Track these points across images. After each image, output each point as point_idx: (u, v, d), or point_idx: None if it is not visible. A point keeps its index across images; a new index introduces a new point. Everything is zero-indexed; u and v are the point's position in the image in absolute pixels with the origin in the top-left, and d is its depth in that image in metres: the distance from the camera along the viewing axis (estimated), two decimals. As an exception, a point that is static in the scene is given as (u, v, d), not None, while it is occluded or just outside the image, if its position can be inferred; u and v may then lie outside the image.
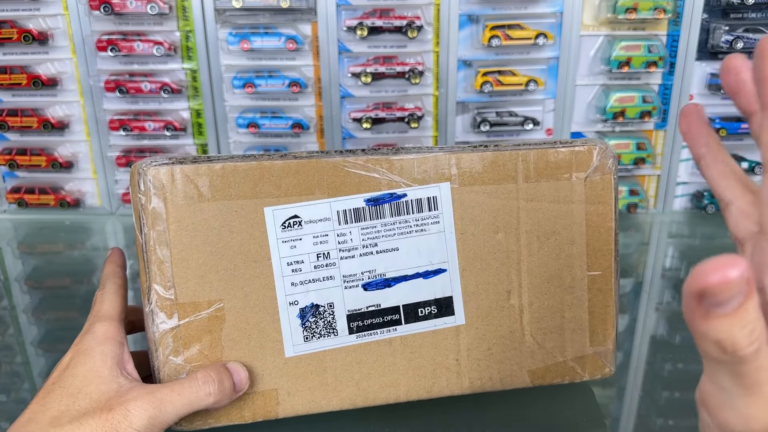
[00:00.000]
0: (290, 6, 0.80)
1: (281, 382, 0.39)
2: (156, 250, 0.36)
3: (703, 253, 0.82)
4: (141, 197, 0.36)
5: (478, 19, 0.83)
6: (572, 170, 0.41)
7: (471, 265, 0.41)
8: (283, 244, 0.38)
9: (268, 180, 0.38)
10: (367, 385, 0.41)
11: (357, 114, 0.86)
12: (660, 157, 0.89)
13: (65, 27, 0.82)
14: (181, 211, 0.37)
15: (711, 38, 0.83)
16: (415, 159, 0.39)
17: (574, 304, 0.43)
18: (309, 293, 0.39)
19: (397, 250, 0.40)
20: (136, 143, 0.88)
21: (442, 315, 0.41)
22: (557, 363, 0.43)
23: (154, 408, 0.33)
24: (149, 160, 0.36)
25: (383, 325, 0.41)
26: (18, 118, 0.85)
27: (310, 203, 0.38)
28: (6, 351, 0.56)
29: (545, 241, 0.42)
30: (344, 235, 0.39)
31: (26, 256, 0.80)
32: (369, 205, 0.39)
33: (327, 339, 0.40)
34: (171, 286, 0.37)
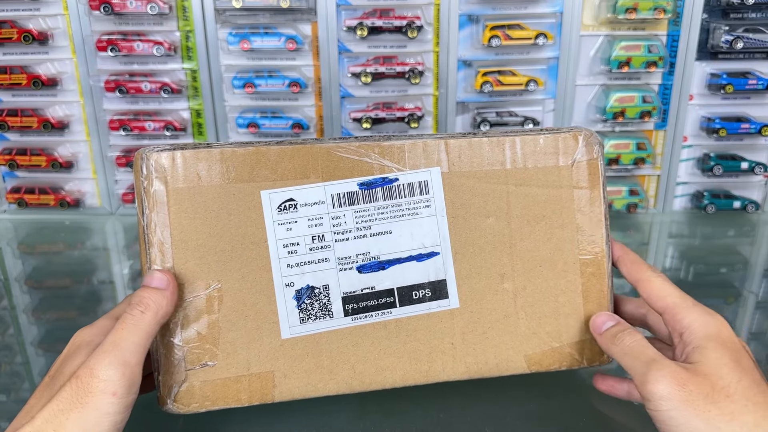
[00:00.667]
0: (290, 6, 0.80)
1: (278, 364, 0.40)
2: (156, 231, 0.38)
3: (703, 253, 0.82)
4: (143, 181, 0.37)
5: (478, 19, 0.83)
6: (559, 155, 0.43)
7: (463, 248, 0.42)
8: (279, 226, 0.39)
9: (264, 164, 0.39)
10: (362, 369, 0.41)
11: (357, 114, 0.86)
12: (660, 157, 0.89)
13: (65, 27, 0.83)
14: (181, 194, 0.38)
15: (711, 38, 0.83)
16: (406, 144, 0.41)
17: (568, 288, 0.44)
18: (305, 275, 0.40)
19: (390, 233, 0.41)
20: (136, 143, 0.88)
21: (437, 298, 0.42)
22: (554, 348, 0.44)
23: (111, 353, 0.32)
24: (152, 147, 0.38)
25: (378, 308, 0.41)
26: (18, 118, 0.85)
27: (305, 187, 0.40)
28: (6, 351, 0.56)
29: (535, 225, 0.43)
30: (338, 218, 0.40)
31: (26, 256, 0.80)
32: (362, 189, 0.40)
33: (322, 321, 0.41)
34: (171, 267, 0.38)
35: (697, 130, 0.88)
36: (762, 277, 0.69)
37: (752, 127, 0.86)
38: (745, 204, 0.88)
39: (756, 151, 0.89)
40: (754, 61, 0.85)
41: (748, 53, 0.84)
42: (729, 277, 0.70)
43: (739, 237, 0.83)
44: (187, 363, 0.39)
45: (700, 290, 0.66)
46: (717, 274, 0.71)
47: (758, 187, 0.91)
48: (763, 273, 0.71)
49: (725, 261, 0.75)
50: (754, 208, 0.89)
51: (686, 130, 0.88)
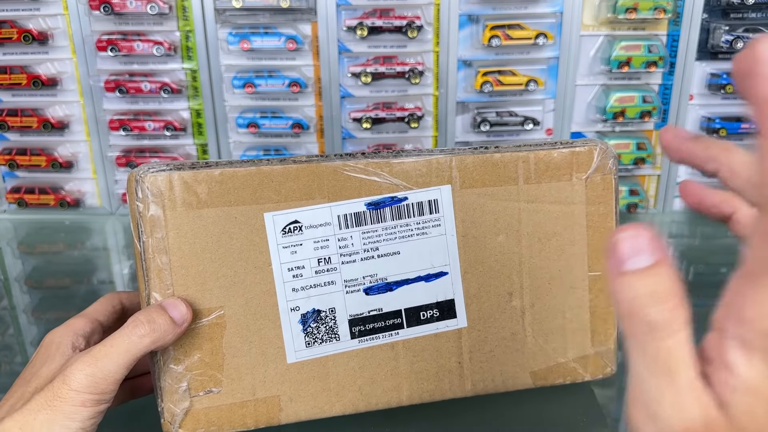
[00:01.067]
0: (290, 6, 0.80)
1: (283, 388, 0.39)
2: (155, 257, 0.36)
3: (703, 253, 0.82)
4: (139, 204, 0.36)
5: (478, 19, 0.83)
6: (572, 171, 0.41)
7: (472, 267, 0.41)
8: (284, 249, 0.38)
9: (267, 185, 0.37)
10: (369, 390, 0.41)
11: (357, 114, 0.86)
12: (660, 157, 0.89)
13: (65, 27, 0.82)
14: (180, 218, 0.36)
15: (711, 38, 0.83)
16: (416, 162, 0.39)
17: (576, 305, 0.43)
18: (310, 299, 0.39)
19: (398, 254, 0.40)
20: (136, 143, 0.88)
21: (444, 318, 0.41)
22: (559, 364, 0.43)
23: (90, 365, 0.32)
24: (146, 167, 0.36)
25: (385, 329, 0.40)
26: (18, 118, 0.85)
27: (311, 208, 0.38)
28: (6, 351, 0.56)
29: (546, 243, 0.42)
30: (345, 240, 0.39)
31: (26, 256, 0.80)
32: (370, 209, 0.39)
33: (329, 344, 0.39)
34: (171, 294, 0.36)
35: (697, 130, 0.88)
36: (762, 277, 0.69)
37: (752, 127, 0.86)
38: (745, 204, 0.88)
39: (756, 151, 0.89)
40: (754, 61, 0.85)
41: (748, 53, 0.84)
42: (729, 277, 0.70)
43: (739, 237, 0.83)
44: (191, 390, 0.38)
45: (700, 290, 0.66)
46: (717, 274, 0.71)
47: (758, 187, 0.91)
48: (763, 273, 0.71)
49: (725, 261, 0.75)
50: (754, 208, 0.89)
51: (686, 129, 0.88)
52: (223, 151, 0.88)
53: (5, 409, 0.33)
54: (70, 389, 0.32)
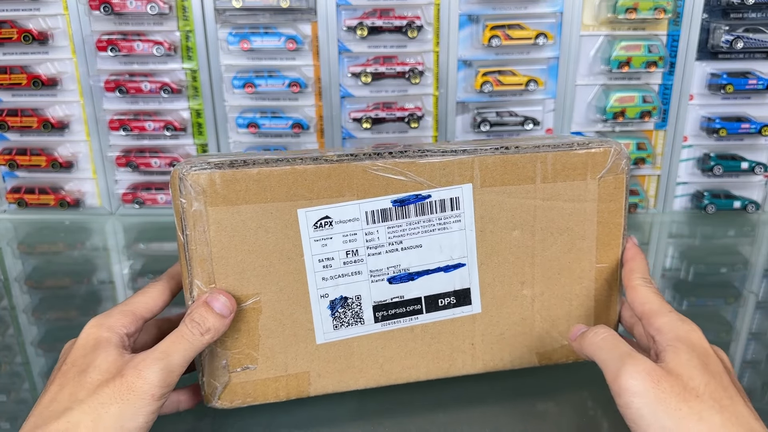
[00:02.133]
0: (290, 6, 0.80)
1: (312, 365, 0.43)
2: (197, 248, 0.39)
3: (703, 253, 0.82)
4: (182, 200, 0.38)
5: (478, 19, 0.83)
6: (587, 171, 0.43)
7: (488, 259, 0.44)
8: (315, 242, 0.41)
9: (301, 184, 0.40)
10: (390, 367, 0.44)
11: (357, 114, 0.86)
12: (660, 157, 0.89)
13: (65, 27, 0.83)
14: (221, 214, 0.39)
15: (711, 38, 0.83)
16: (440, 161, 0.41)
17: (582, 294, 0.46)
18: (338, 287, 0.42)
19: (420, 247, 0.43)
20: (136, 143, 0.88)
21: (460, 305, 0.44)
22: (563, 346, 0.47)
23: (161, 360, 0.35)
24: (188, 165, 0.38)
25: (406, 315, 0.44)
26: (18, 118, 0.85)
27: (341, 205, 0.41)
28: (6, 351, 0.56)
29: (558, 237, 0.44)
30: (371, 234, 0.42)
31: (26, 256, 0.80)
32: (395, 205, 0.41)
33: (354, 327, 0.43)
34: (212, 281, 0.40)
35: (697, 130, 0.88)
36: (762, 278, 0.69)
37: (752, 127, 0.86)
38: (746, 204, 0.88)
39: (756, 151, 0.89)
40: (754, 61, 0.85)
41: (748, 53, 0.84)
42: (729, 277, 0.70)
43: (739, 237, 0.83)
44: (230, 366, 0.42)
45: (700, 290, 0.66)
46: (717, 274, 0.71)
47: (758, 187, 0.91)
48: (763, 273, 0.71)
49: (725, 261, 0.75)
50: (755, 208, 0.89)
51: (686, 130, 0.88)
52: (223, 151, 0.88)
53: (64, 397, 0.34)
54: (145, 382, 0.34)
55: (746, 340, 0.56)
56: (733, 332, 0.57)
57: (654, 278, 0.69)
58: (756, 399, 0.47)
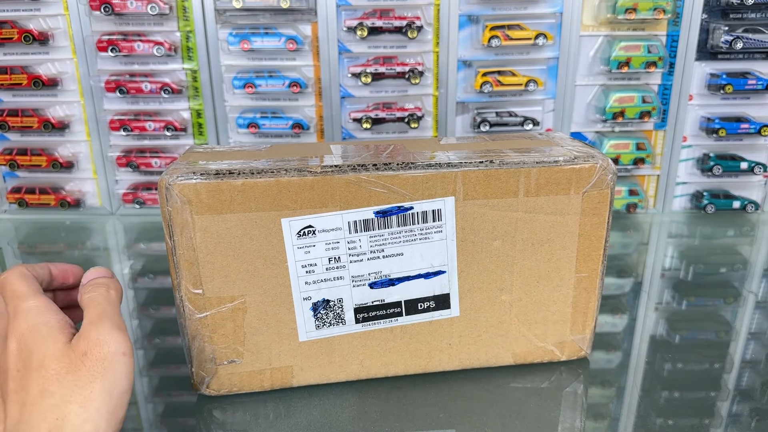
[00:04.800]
0: (290, 6, 0.80)
1: (296, 360, 0.45)
2: (184, 253, 0.41)
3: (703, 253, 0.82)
4: (169, 208, 0.39)
5: (478, 19, 0.83)
6: (571, 186, 0.43)
7: (468, 267, 0.45)
8: (299, 249, 0.42)
9: (285, 195, 0.40)
10: (369, 363, 0.46)
11: (357, 114, 0.86)
12: (659, 157, 0.90)
13: (66, 27, 0.83)
14: (206, 222, 0.40)
15: (710, 38, 0.84)
16: (423, 175, 0.41)
17: (560, 300, 0.47)
18: (321, 290, 0.43)
19: (401, 255, 0.43)
20: (137, 143, 0.88)
21: (439, 308, 0.45)
22: (538, 347, 0.48)
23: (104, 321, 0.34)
24: (175, 175, 0.39)
25: (386, 317, 0.45)
26: (18, 118, 0.85)
27: (324, 215, 0.41)
28: (7, 351, 0.56)
29: (539, 247, 0.45)
30: (354, 242, 0.42)
31: (27, 256, 0.80)
32: (378, 216, 0.42)
33: (336, 327, 0.44)
34: (199, 284, 0.41)
35: (696, 130, 0.89)
36: (762, 277, 0.69)
37: (752, 127, 0.86)
38: (745, 204, 0.89)
39: (755, 151, 0.89)
40: (753, 61, 0.85)
41: (748, 53, 0.84)
42: (729, 277, 0.70)
43: (738, 237, 0.83)
44: (216, 359, 0.44)
45: (699, 290, 0.66)
46: (717, 274, 0.71)
47: (758, 187, 0.91)
48: (762, 273, 0.71)
49: (725, 261, 0.75)
50: (754, 208, 0.89)
51: (686, 130, 0.88)
52: (223, 151, 0.88)
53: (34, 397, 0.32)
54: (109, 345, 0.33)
55: (746, 340, 0.56)
56: (733, 332, 0.57)
57: (654, 278, 0.70)
58: (756, 399, 0.47)
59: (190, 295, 0.42)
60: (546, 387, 0.47)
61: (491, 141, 0.50)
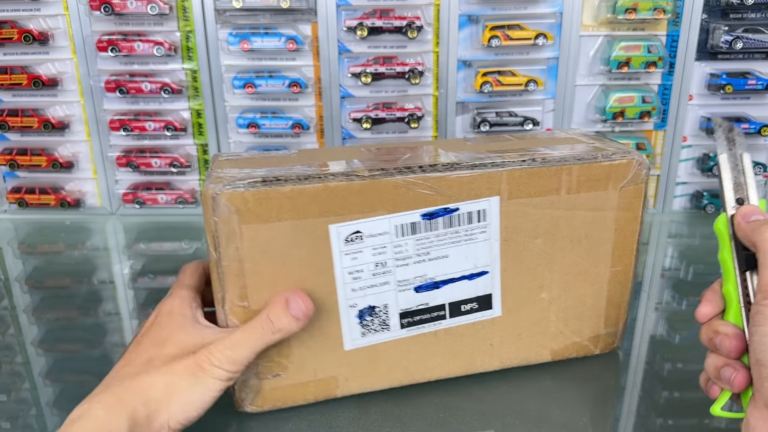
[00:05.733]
0: (290, 6, 0.80)
1: (340, 370, 0.44)
2: (230, 264, 0.39)
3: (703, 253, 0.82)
4: (215, 219, 0.38)
5: (477, 19, 0.83)
6: (609, 181, 0.44)
7: (510, 266, 0.45)
8: (345, 256, 0.41)
9: (333, 200, 0.40)
10: (413, 369, 0.46)
11: (357, 114, 0.86)
12: (659, 157, 0.89)
13: (66, 27, 0.83)
14: (254, 231, 0.39)
15: (711, 38, 0.84)
16: (469, 176, 0.42)
17: (595, 295, 0.48)
18: (367, 297, 0.43)
19: (447, 257, 0.43)
20: (137, 143, 0.88)
21: (482, 309, 0.46)
22: (575, 342, 0.49)
23: (230, 349, 0.38)
24: (221, 184, 0.38)
25: (430, 320, 0.45)
26: (18, 118, 0.85)
27: (372, 219, 0.41)
28: (6, 351, 0.56)
29: (578, 244, 0.46)
30: (400, 246, 0.42)
31: (26, 256, 0.80)
32: (425, 219, 0.42)
33: (381, 333, 0.44)
34: (245, 296, 0.40)
35: (696, 130, 0.88)
36: (761, 277, 0.69)
37: (752, 127, 0.86)
38: (745, 204, 0.88)
39: (755, 151, 0.89)
40: (753, 61, 0.85)
41: (748, 53, 0.84)
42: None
43: (738, 237, 0.83)
44: (260, 374, 0.43)
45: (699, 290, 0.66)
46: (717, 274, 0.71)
47: (758, 187, 0.91)
48: (762, 273, 0.70)
49: (725, 261, 0.75)
50: (754, 208, 0.89)
51: (686, 130, 0.88)
52: (223, 151, 0.88)
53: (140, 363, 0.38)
54: (212, 365, 0.38)
55: (745, 339, 0.56)
56: (733, 332, 0.57)
57: (654, 278, 0.69)
58: (755, 398, 0.47)
59: (235, 309, 0.41)
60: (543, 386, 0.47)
61: (518, 140, 0.50)
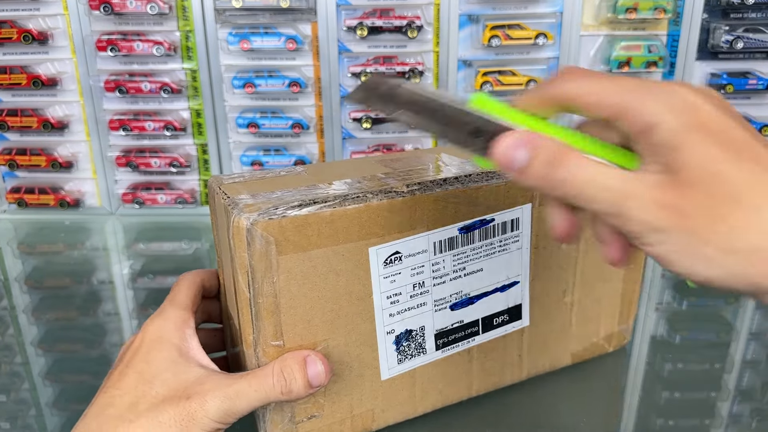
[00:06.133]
0: (290, 6, 0.80)
1: (377, 402, 0.42)
2: (264, 301, 0.36)
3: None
4: (250, 253, 0.34)
5: (478, 19, 0.83)
6: None
7: (539, 273, 0.45)
8: (384, 279, 0.39)
9: (374, 221, 0.37)
10: (448, 391, 0.44)
11: (357, 114, 0.86)
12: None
13: (65, 27, 0.82)
14: (291, 262, 0.35)
15: (711, 38, 0.83)
16: (504, 184, 0.41)
17: (611, 294, 0.49)
18: (404, 320, 0.41)
19: (481, 271, 0.42)
20: (136, 143, 0.88)
21: (512, 320, 0.45)
22: (592, 343, 0.49)
23: (230, 400, 0.34)
24: (255, 213, 0.34)
25: (464, 338, 0.43)
26: (18, 118, 0.85)
27: (411, 238, 0.39)
28: (6, 351, 0.56)
29: (596, 243, 0.44)
30: (438, 264, 0.40)
31: (26, 256, 0.80)
32: (462, 233, 0.41)
33: (417, 358, 0.42)
34: (279, 334, 0.37)
35: (697, 130, 0.88)
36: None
37: (752, 127, 0.86)
38: (745, 204, 0.88)
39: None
40: (754, 61, 0.85)
41: (749, 53, 0.84)
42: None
43: (739, 237, 0.83)
44: (295, 417, 0.39)
45: (700, 290, 0.66)
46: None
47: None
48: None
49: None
50: (754, 208, 0.88)
51: (686, 130, 0.88)
52: (223, 151, 0.88)
53: (123, 405, 0.34)
54: (206, 416, 0.33)
55: (746, 340, 0.56)
56: (734, 332, 0.57)
57: (654, 278, 0.69)
58: (756, 399, 0.47)
59: (268, 349, 0.37)
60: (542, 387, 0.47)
61: None
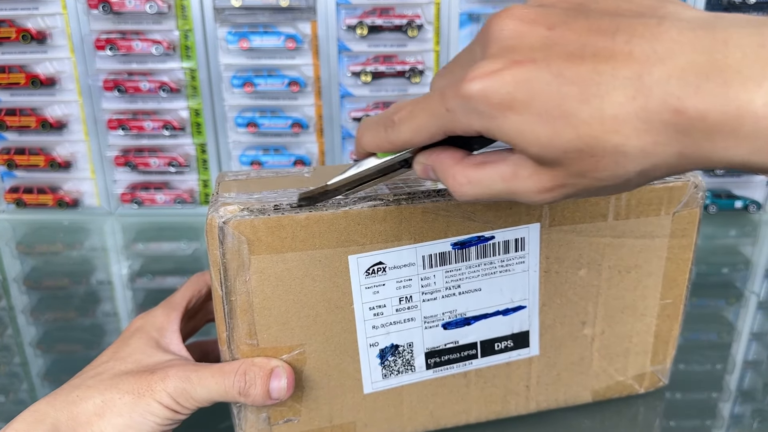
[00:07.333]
0: (290, 5, 0.80)
1: (359, 415, 0.40)
2: (237, 300, 0.35)
3: (705, 253, 0.82)
4: (222, 251, 0.34)
5: (478, 17, 0.83)
6: (662, 206, 0.40)
7: (551, 300, 0.41)
8: (366, 290, 0.37)
9: (354, 229, 0.36)
10: (440, 413, 0.42)
11: (357, 113, 0.86)
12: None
13: (63, 26, 0.82)
14: (264, 263, 0.35)
15: (712, 37, 0.83)
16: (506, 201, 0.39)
17: (643, 330, 0.44)
18: (389, 335, 0.39)
19: (479, 291, 0.39)
20: (135, 143, 0.88)
21: (518, 348, 0.41)
22: (618, 381, 0.45)
23: (190, 382, 0.35)
24: (227, 211, 0.34)
25: (460, 360, 0.41)
26: (16, 117, 0.85)
27: (396, 249, 0.37)
28: (4, 351, 0.56)
29: (626, 275, 0.41)
30: (428, 279, 0.38)
31: (24, 256, 0.79)
32: (455, 249, 0.38)
33: (405, 375, 0.40)
34: (253, 334, 0.36)
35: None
36: (764, 278, 0.69)
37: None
38: (747, 204, 0.88)
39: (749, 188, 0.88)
40: (755, 60, 0.84)
41: (750, 52, 0.84)
42: (730, 277, 0.70)
43: (740, 237, 0.83)
44: (271, 419, 0.39)
45: (701, 290, 0.66)
46: (718, 275, 0.71)
47: (760, 187, 0.90)
48: (764, 273, 0.70)
49: (727, 261, 0.75)
50: (756, 208, 0.88)
51: (687, 129, 0.88)
52: (222, 150, 0.88)
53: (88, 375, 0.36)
54: (164, 389, 0.34)
55: (747, 340, 0.55)
56: (735, 333, 0.56)
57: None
58: (756, 399, 0.47)
59: (242, 347, 0.37)
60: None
61: None
